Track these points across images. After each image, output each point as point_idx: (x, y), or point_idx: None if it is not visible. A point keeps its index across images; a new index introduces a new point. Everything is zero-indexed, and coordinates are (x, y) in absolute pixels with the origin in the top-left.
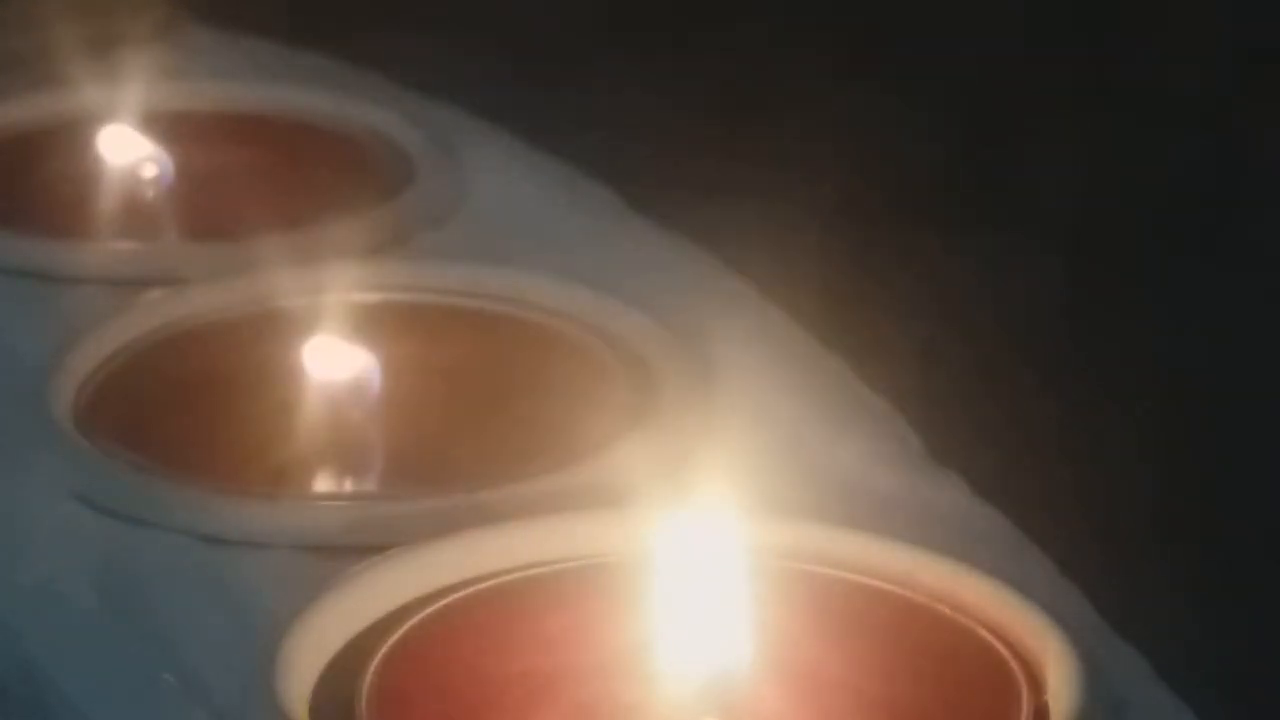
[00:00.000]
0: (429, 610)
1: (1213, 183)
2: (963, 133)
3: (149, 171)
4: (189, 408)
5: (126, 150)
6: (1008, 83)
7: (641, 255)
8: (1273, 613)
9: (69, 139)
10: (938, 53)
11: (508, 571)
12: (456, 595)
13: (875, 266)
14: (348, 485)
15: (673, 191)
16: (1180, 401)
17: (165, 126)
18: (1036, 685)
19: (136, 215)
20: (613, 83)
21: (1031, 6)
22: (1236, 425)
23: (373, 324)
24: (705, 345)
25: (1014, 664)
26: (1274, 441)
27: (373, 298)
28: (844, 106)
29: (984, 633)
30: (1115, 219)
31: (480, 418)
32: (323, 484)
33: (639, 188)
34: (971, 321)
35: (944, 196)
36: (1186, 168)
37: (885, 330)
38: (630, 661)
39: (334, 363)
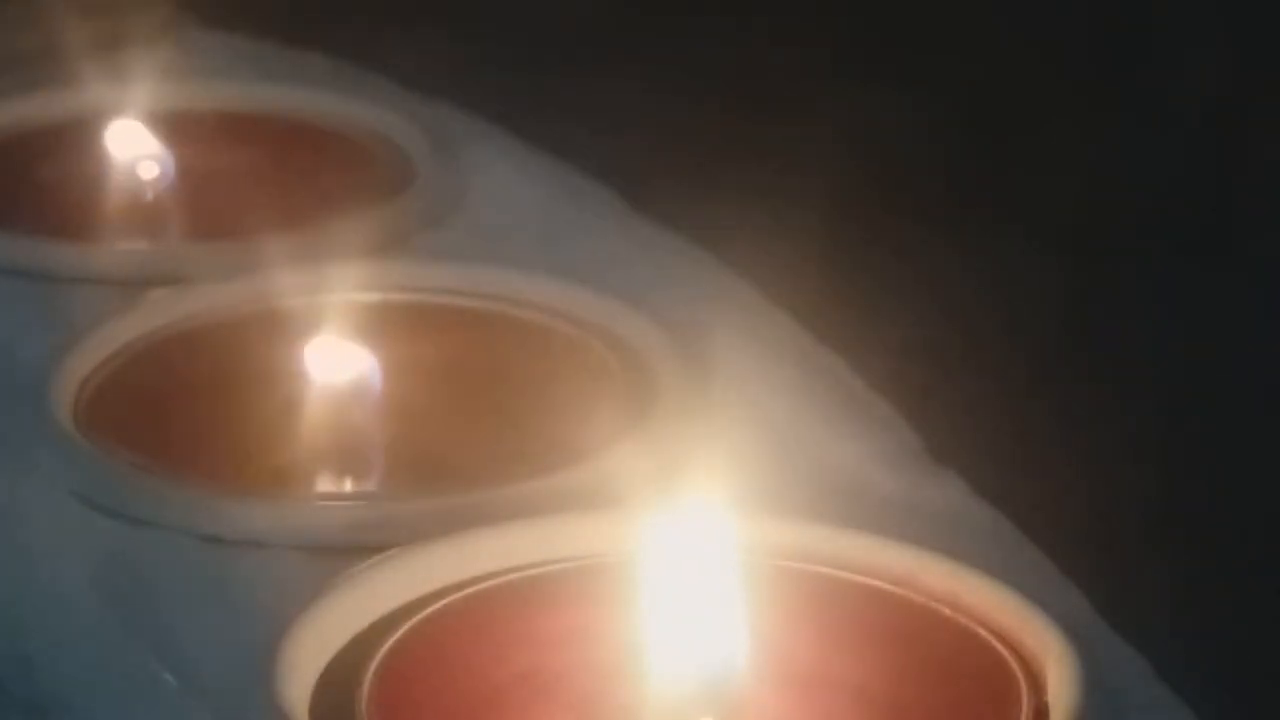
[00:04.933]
0: (429, 610)
1: (1213, 184)
2: (963, 132)
3: (149, 171)
4: (189, 408)
5: (126, 150)
6: (1008, 83)
7: (641, 255)
8: (1272, 613)
9: (70, 139)
10: (938, 52)
11: (508, 571)
12: (456, 595)
13: (875, 266)
14: (348, 485)
15: (673, 191)
16: (1180, 401)
17: (166, 126)
18: (1036, 685)
19: (136, 215)
20: (613, 82)
21: (1032, 7)
22: (1235, 425)
23: (373, 324)
24: (704, 345)
25: (1014, 664)
26: (1273, 442)
27: (373, 298)
28: (844, 106)
29: (984, 633)
30: (1115, 219)
31: (480, 418)
32: (323, 484)
33: (639, 188)
34: (971, 321)
35: (944, 196)
36: (1186, 168)
37: (885, 330)
38: (630, 661)
39: (334, 363)
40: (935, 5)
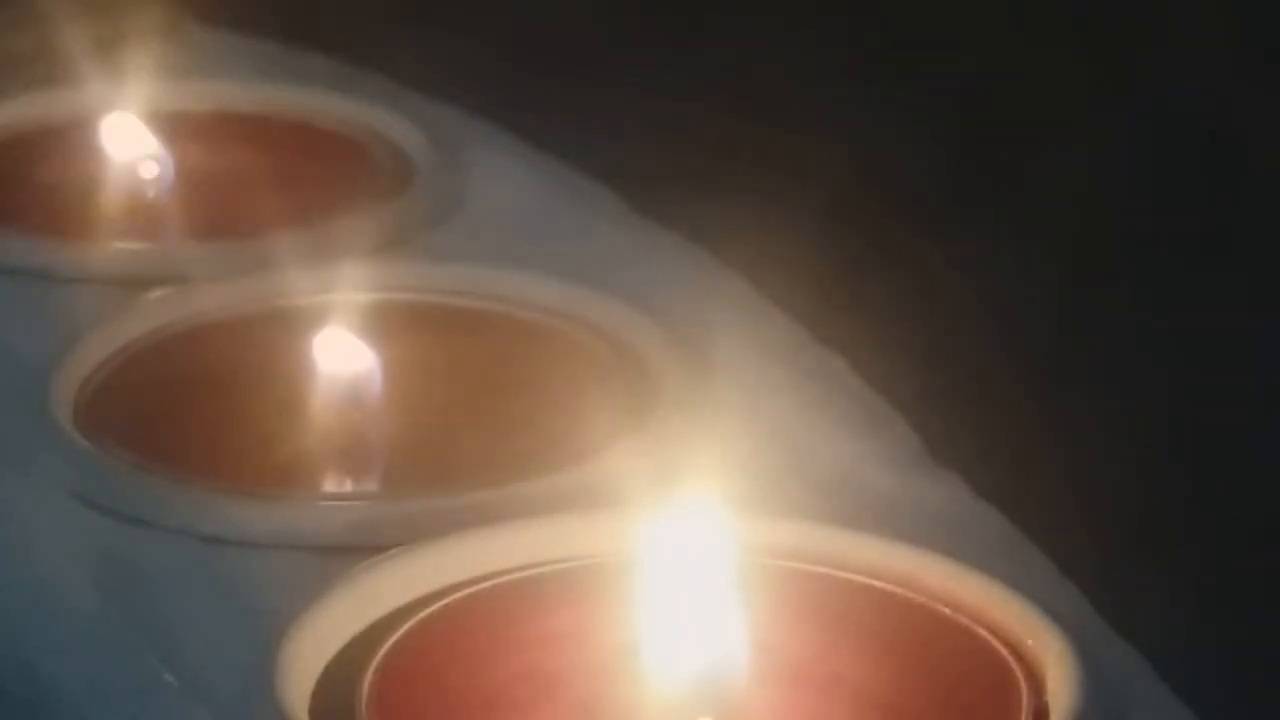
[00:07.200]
0: (429, 610)
1: (1212, 185)
2: (962, 134)
3: (149, 171)
4: (190, 407)
5: (126, 150)
6: (1007, 85)
7: (641, 255)
8: (1271, 613)
9: (69, 139)
10: (937, 54)
11: (508, 571)
12: (456, 595)
13: (874, 267)
14: (348, 485)
15: (673, 191)
16: (1179, 402)
17: (166, 126)
18: (1036, 685)
19: (136, 215)
20: (613, 83)
21: (1031, 8)
22: (1235, 425)
23: (373, 324)
24: (704, 345)
25: (1014, 664)
26: (1272, 442)
27: (373, 297)
28: (844, 107)
29: (984, 633)
30: (1114, 220)
31: (480, 418)
32: (323, 484)
33: (639, 188)
34: (970, 322)
35: (943, 198)
36: (1185, 170)
37: (884, 330)
38: (630, 661)
39: (334, 362)
40: (935, 8)
